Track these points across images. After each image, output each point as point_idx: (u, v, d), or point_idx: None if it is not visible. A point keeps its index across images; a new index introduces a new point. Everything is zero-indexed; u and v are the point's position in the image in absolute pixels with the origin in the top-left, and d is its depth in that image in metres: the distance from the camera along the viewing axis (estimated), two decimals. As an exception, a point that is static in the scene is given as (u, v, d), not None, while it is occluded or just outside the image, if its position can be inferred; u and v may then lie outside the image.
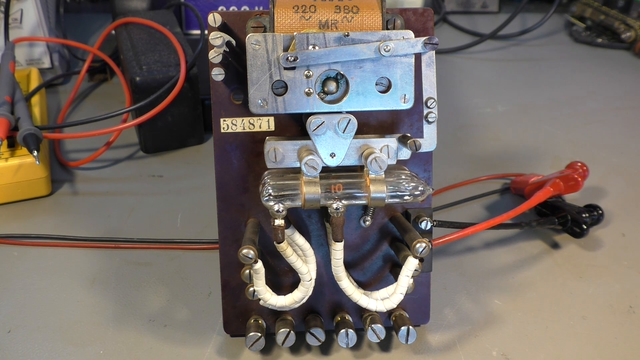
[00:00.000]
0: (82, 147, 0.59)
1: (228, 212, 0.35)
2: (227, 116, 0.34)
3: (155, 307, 0.40)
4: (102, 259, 0.44)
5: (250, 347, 0.35)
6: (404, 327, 0.35)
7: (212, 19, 0.32)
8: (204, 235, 0.47)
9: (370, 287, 0.36)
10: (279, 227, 0.31)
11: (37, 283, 0.42)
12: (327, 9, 0.31)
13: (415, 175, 0.32)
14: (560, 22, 0.95)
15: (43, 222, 0.48)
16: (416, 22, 0.34)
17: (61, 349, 0.36)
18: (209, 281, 0.42)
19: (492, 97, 0.72)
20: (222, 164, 0.35)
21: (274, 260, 0.36)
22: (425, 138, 0.32)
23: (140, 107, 0.54)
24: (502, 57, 0.85)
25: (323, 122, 0.31)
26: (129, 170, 0.56)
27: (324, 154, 0.31)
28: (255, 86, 0.30)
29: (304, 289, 0.33)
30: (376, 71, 0.30)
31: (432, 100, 0.32)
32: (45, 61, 0.71)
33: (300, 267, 0.33)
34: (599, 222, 0.48)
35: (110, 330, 0.38)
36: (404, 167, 0.33)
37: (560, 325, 0.39)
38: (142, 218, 0.49)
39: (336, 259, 0.32)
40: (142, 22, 0.62)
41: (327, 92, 0.31)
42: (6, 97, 0.52)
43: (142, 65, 0.56)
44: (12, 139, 0.51)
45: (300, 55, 0.29)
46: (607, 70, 0.81)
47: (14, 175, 0.50)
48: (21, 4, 0.68)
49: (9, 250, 0.45)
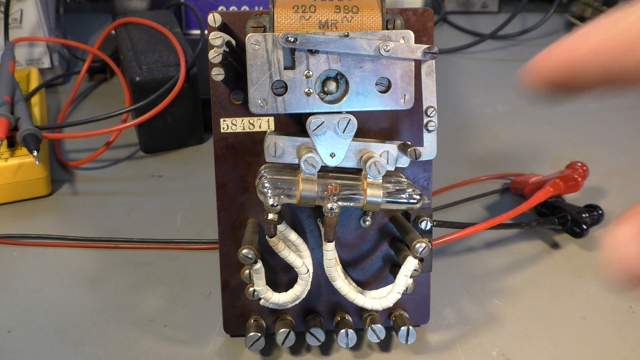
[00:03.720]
0: (82, 147, 0.59)
1: (228, 212, 0.35)
2: (227, 116, 0.34)
3: (155, 307, 0.40)
4: (102, 259, 0.44)
5: (250, 347, 0.35)
6: (404, 327, 0.35)
7: (212, 19, 0.32)
8: (204, 235, 0.47)
9: (370, 287, 0.36)
10: (271, 222, 0.31)
11: (37, 283, 0.42)
12: (327, 9, 0.31)
13: (411, 184, 0.32)
14: (560, 22, 0.95)
15: (43, 222, 0.48)
16: (416, 22, 0.34)
17: (61, 349, 0.36)
18: (209, 281, 0.42)
19: (492, 97, 0.72)
20: (222, 163, 0.35)
21: (273, 260, 0.36)
22: (425, 146, 0.32)
23: (140, 107, 0.54)
24: (502, 57, 0.85)
25: (323, 122, 0.31)
26: (129, 170, 0.56)
27: (324, 154, 0.31)
28: (255, 86, 0.30)
29: (303, 282, 0.33)
30: (376, 71, 0.30)
31: (432, 109, 0.32)
32: (45, 61, 0.71)
33: (294, 261, 0.33)
34: (599, 222, 0.47)
35: (110, 330, 0.38)
36: (401, 175, 0.33)
37: (560, 325, 0.39)
38: (142, 218, 0.49)
39: (328, 259, 0.32)
40: (142, 22, 0.62)
41: (327, 92, 0.31)
42: (6, 97, 0.52)
43: (142, 65, 0.56)
44: (12, 139, 0.51)
45: (300, 37, 0.29)
46: (607, 70, 0.80)
47: (14, 175, 0.50)
48: (21, 4, 0.68)
49: (9, 250, 0.45)
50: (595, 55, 0.17)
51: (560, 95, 0.18)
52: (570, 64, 0.17)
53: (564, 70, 0.17)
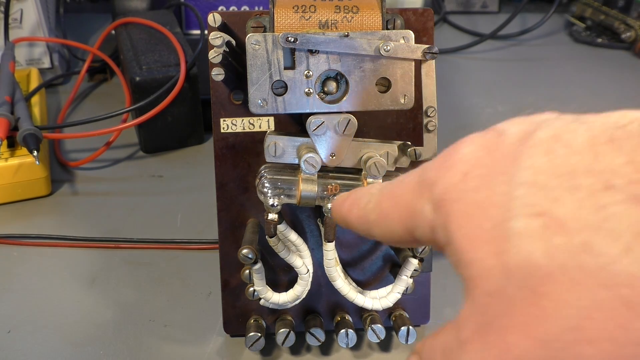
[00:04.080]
0: (82, 147, 0.59)
1: (228, 212, 0.35)
2: (227, 116, 0.34)
3: (155, 307, 0.40)
4: (102, 259, 0.44)
5: (250, 347, 0.35)
6: (404, 327, 0.35)
7: (212, 19, 0.32)
8: (204, 235, 0.47)
9: (370, 286, 0.36)
10: (271, 222, 0.31)
11: (37, 283, 0.42)
12: (327, 9, 0.31)
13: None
14: (560, 22, 0.95)
15: (43, 222, 0.48)
16: (416, 22, 0.34)
17: (61, 349, 0.36)
18: (208, 281, 0.42)
19: (492, 97, 0.72)
20: (222, 163, 0.35)
21: (273, 260, 0.36)
22: (425, 146, 0.32)
23: (140, 107, 0.54)
24: (502, 57, 0.84)
25: (323, 122, 0.31)
26: (129, 170, 0.56)
27: (324, 154, 0.31)
28: (255, 86, 0.30)
29: (303, 282, 0.33)
30: (376, 71, 0.30)
31: (432, 109, 0.32)
32: (45, 61, 0.71)
33: (294, 261, 0.33)
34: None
35: (110, 330, 0.38)
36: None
37: (560, 325, 0.39)
38: (142, 218, 0.49)
39: (328, 259, 0.32)
40: (142, 22, 0.62)
41: (327, 92, 0.31)
42: (6, 97, 0.52)
43: (142, 65, 0.56)
44: (12, 139, 0.51)
45: (300, 37, 0.29)
46: (607, 70, 0.81)
47: (14, 175, 0.50)
48: (21, 4, 0.68)
49: (9, 250, 0.45)
50: (352, 224, 0.24)
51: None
52: (346, 224, 0.25)
53: (343, 224, 0.25)
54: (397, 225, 0.21)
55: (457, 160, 0.19)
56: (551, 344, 0.15)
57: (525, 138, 0.17)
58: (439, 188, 0.19)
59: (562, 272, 0.15)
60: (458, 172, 0.18)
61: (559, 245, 0.15)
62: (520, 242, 0.16)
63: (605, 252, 0.14)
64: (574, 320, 0.14)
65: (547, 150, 0.16)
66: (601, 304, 0.14)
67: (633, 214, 0.14)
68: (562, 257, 0.15)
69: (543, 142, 0.17)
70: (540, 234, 0.15)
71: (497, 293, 0.16)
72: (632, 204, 0.14)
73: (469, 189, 0.18)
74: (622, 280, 0.14)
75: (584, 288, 0.14)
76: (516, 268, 0.15)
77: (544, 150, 0.16)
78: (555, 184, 0.16)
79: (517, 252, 0.16)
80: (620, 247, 0.14)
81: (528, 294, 0.15)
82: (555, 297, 0.15)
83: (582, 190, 0.15)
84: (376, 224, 0.22)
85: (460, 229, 0.18)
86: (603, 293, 0.14)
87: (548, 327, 0.15)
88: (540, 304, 0.15)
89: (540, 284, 0.15)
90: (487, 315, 0.16)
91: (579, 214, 0.15)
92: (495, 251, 0.16)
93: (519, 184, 0.16)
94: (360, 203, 0.23)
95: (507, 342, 0.16)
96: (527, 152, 0.17)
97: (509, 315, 0.16)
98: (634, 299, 0.14)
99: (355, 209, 0.24)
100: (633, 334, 0.14)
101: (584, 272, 0.14)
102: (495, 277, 0.16)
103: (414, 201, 0.20)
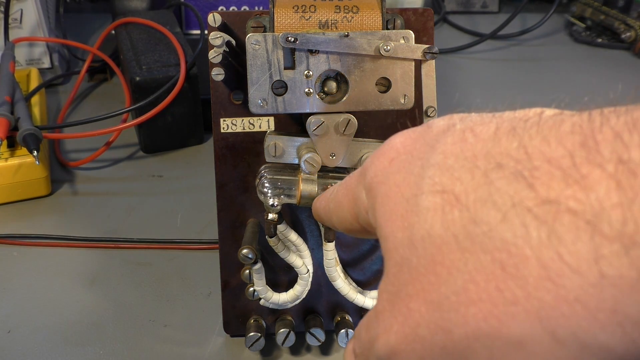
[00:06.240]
0: (82, 147, 0.59)
1: (228, 212, 0.35)
2: (227, 116, 0.34)
3: (155, 307, 0.40)
4: (102, 259, 0.44)
5: (250, 347, 0.35)
6: (404, 327, 0.35)
7: (212, 19, 0.32)
8: (204, 235, 0.47)
9: (370, 286, 0.36)
10: (271, 222, 0.31)
11: (37, 283, 0.42)
12: (327, 9, 0.31)
13: None
14: (560, 22, 0.95)
15: (43, 222, 0.48)
16: (416, 22, 0.34)
17: (61, 349, 0.36)
18: (208, 281, 0.42)
19: (492, 97, 0.72)
20: (222, 163, 0.35)
21: (273, 260, 0.36)
22: None
23: (140, 107, 0.54)
24: (502, 57, 0.84)
25: (323, 122, 0.31)
26: (129, 170, 0.56)
27: (324, 154, 0.31)
28: (255, 86, 0.30)
29: (303, 282, 0.33)
30: (376, 71, 0.30)
31: (432, 109, 0.32)
32: (45, 61, 0.71)
33: (294, 261, 0.33)
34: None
35: (110, 330, 0.38)
36: None
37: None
38: (142, 218, 0.49)
39: (328, 259, 0.32)
40: (142, 22, 0.62)
41: (327, 92, 0.31)
42: (6, 97, 0.52)
43: (142, 65, 0.56)
44: (12, 139, 0.51)
45: (300, 37, 0.29)
46: (607, 70, 0.81)
47: (14, 175, 0.50)
48: (21, 4, 0.68)
49: (9, 250, 0.45)
50: (320, 215, 0.27)
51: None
52: (318, 217, 0.27)
53: (317, 217, 0.27)
54: (347, 213, 0.23)
55: (388, 149, 0.21)
56: (442, 306, 0.16)
57: (446, 129, 0.19)
58: (370, 173, 0.21)
59: (455, 240, 0.16)
60: (386, 159, 0.20)
61: (454, 218, 0.17)
62: (425, 216, 0.17)
63: (487, 221, 0.16)
64: (460, 283, 0.16)
65: (460, 138, 0.18)
66: (482, 268, 0.16)
67: (513, 187, 0.16)
68: (455, 228, 0.16)
69: (458, 132, 0.18)
70: (441, 208, 0.17)
71: (403, 263, 0.18)
72: (514, 179, 0.16)
73: (392, 172, 0.20)
74: (498, 245, 0.15)
75: (470, 254, 0.16)
76: (420, 239, 0.17)
77: (457, 138, 0.18)
78: (459, 165, 0.17)
79: (422, 225, 0.17)
80: (499, 216, 0.16)
81: (428, 262, 0.17)
82: (448, 264, 0.16)
83: (479, 170, 0.17)
84: (334, 213, 0.24)
85: (381, 208, 0.19)
86: (483, 257, 0.16)
87: (441, 291, 0.16)
88: (435, 271, 0.17)
89: (438, 253, 0.17)
90: (395, 285, 0.18)
91: (472, 190, 0.16)
92: (404, 225, 0.18)
93: (430, 165, 0.18)
94: (326, 194, 0.26)
95: (410, 308, 0.17)
96: (443, 140, 0.18)
97: (412, 283, 0.17)
98: (507, 261, 0.15)
99: (323, 201, 0.26)
100: (506, 293, 0.15)
101: (471, 240, 0.16)
102: (402, 248, 0.18)
103: (356, 188, 0.22)
